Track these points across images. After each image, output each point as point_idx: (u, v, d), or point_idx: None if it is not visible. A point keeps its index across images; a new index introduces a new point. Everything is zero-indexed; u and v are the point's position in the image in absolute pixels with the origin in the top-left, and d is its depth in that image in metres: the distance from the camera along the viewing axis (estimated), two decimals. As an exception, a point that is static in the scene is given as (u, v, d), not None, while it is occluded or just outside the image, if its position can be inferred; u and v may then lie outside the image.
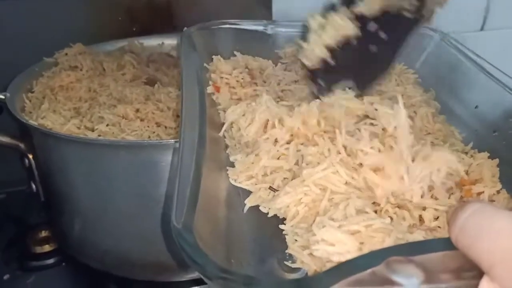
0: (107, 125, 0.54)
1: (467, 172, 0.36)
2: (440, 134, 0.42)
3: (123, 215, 0.54)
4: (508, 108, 0.45)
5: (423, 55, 0.58)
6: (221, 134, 0.42)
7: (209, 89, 0.45)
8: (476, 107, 0.48)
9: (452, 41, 0.56)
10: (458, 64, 0.53)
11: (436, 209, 0.31)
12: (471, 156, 0.39)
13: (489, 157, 0.39)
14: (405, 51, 0.60)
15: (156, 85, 0.63)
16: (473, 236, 0.21)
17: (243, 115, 0.41)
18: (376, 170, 0.32)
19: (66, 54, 0.68)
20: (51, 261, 0.64)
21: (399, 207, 0.32)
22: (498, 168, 0.38)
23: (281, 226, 0.33)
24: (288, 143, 0.38)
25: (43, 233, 0.67)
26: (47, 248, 0.65)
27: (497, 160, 0.38)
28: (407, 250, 0.24)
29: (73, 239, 0.60)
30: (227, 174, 0.39)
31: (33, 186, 0.59)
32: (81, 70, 0.66)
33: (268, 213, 0.35)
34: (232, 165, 0.40)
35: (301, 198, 0.33)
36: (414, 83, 0.49)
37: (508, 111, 0.44)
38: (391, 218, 0.31)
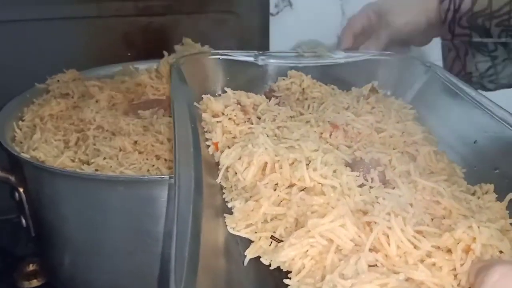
0: (104, 158, 0.51)
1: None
2: (444, 173, 0.40)
3: (119, 252, 0.51)
4: (507, 143, 0.44)
5: (415, 88, 0.57)
6: (218, 180, 0.40)
7: (210, 150, 0.43)
8: (475, 142, 0.47)
9: (445, 74, 0.55)
10: (450, 96, 0.52)
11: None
12: (479, 197, 0.38)
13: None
14: (396, 84, 0.59)
15: (154, 116, 0.60)
16: None
17: (239, 158, 0.39)
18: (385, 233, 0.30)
19: (58, 80, 0.65)
20: (39, 297, 0.60)
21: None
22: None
23: (286, 281, 0.31)
24: (289, 186, 0.37)
25: (31, 266, 0.63)
26: (35, 283, 0.61)
27: (505, 203, 0.37)
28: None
29: (65, 275, 0.57)
30: (225, 221, 0.37)
31: (23, 220, 0.55)
32: (72, 97, 0.63)
33: (270, 264, 0.33)
34: (230, 210, 0.37)
35: (307, 251, 0.31)
36: (413, 119, 0.48)
37: (507, 146, 0.43)
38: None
